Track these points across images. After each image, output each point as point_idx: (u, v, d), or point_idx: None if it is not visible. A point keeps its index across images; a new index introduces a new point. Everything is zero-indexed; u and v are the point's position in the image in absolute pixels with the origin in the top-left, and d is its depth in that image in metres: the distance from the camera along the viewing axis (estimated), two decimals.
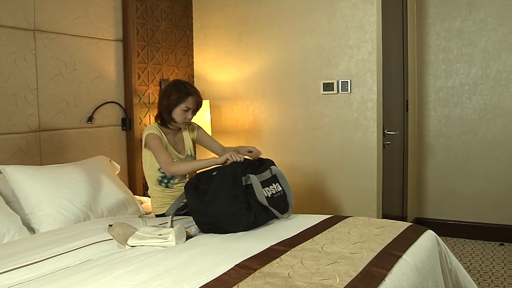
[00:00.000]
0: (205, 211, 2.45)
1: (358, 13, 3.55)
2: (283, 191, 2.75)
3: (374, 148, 3.58)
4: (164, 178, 2.92)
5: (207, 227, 2.46)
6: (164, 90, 2.96)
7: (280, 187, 2.74)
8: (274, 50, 3.93)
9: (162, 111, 2.89)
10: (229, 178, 2.50)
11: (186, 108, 2.86)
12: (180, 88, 2.88)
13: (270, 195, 2.62)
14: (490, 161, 4.39)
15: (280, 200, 2.69)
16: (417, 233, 2.32)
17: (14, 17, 2.88)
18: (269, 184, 2.69)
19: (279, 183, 2.76)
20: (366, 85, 3.57)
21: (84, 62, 3.33)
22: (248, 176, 2.58)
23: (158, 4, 3.94)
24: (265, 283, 1.67)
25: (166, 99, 2.87)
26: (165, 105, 2.86)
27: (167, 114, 2.87)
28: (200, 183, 2.55)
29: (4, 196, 2.53)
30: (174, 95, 2.85)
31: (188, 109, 2.87)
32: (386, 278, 1.76)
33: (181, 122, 2.90)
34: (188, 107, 2.86)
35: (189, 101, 2.86)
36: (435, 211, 4.67)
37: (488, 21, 4.32)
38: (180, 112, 2.86)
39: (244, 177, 2.57)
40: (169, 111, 2.86)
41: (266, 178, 2.70)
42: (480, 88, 4.41)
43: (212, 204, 2.45)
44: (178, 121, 2.89)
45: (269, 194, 2.63)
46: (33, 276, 1.85)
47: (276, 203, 2.64)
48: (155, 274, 1.77)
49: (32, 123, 3.00)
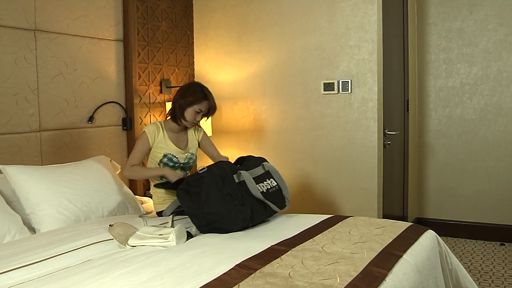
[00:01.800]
0: (201, 213, 2.46)
1: (359, 13, 3.55)
2: (278, 186, 2.76)
3: (374, 148, 3.58)
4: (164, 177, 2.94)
5: (206, 229, 2.47)
6: (182, 89, 3.07)
7: (275, 182, 2.76)
8: (275, 50, 3.93)
9: (176, 108, 3.00)
10: (218, 178, 2.51)
11: (199, 110, 2.99)
12: (198, 90, 3.01)
13: (265, 190, 2.64)
14: (490, 161, 4.39)
15: (276, 194, 2.71)
16: (418, 233, 2.33)
17: (14, 17, 2.88)
18: (263, 180, 2.71)
19: (273, 178, 2.78)
20: (367, 85, 3.56)
21: (85, 62, 3.33)
22: (239, 173, 2.60)
23: (158, 4, 3.94)
24: (265, 283, 1.67)
25: (182, 98, 2.98)
26: (180, 103, 2.98)
27: (180, 112, 2.98)
28: (190, 187, 2.55)
29: (5, 196, 2.53)
30: (191, 96, 2.97)
31: (200, 111, 3.00)
32: (386, 278, 1.76)
33: (190, 122, 3.02)
34: (200, 110, 2.99)
35: (203, 104, 2.99)
36: (435, 211, 4.67)
37: (489, 21, 4.31)
38: (192, 113, 2.98)
39: (236, 174, 2.59)
40: (183, 109, 2.98)
41: (258, 174, 2.72)
42: (480, 88, 4.41)
43: (206, 205, 2.45)
44: (188, 121, 3.00)
45: (264, 189, 2.64)
46: (34, 276, 1.85)
47: (272, 198, 2.65)
48: (155, 274, 1.78)
49: (33, 123, 3.00)
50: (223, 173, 2.55)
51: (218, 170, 2.56)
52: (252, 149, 3.99)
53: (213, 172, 2.54)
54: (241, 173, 2.60)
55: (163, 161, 2.96)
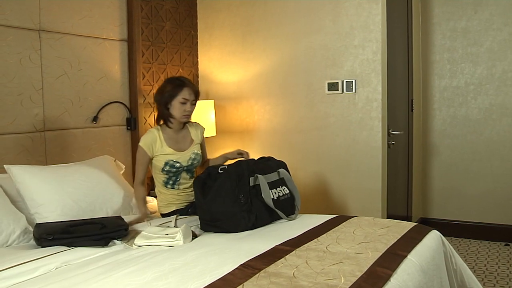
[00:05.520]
0: (207, 208, 2.48)
1: (363, 13, 3.54)
2: (291, 194, 2.75)
3: (379, 148, 3.57)
4: (169, 180, 2.93)
5: (207, 224, 2.50)
6: (158, 88, 2.96)
7: (287, 190, 2.75)
8: (279, 50, 3.93)
9: (161, 109, 2.90)
10: (233, 179, 2.51)
11: (183, 100, 2.84)
12: (173, 81, 2.90)
13: (276, 198, 2.63)
14: (495, 161, 4.37)
15: (286, 203, 2.70)
16: (422, 233, 2.32)
17: (19, 17, 2.89)
18: (276, 186, 2.70)
19: (286, 186, 2.76)
20: (371, 85, 3.56)
21: (89, 62, 3.34)
22: (256, 176, 2.59)
23: (163, 4, 3.94)
24: (270, 283, 1.66)
25: (160, 95, 2.88)
26: (162, 101, 2.86)
27: (166, 110, 2.87)
28: (208, 179, 2.58)
29: (10, 196, 2.53)
30: (168, 88, 2.85)
31: (186, 100, 2.84)
32: (391, 278, 1.75)
33: (180, 116, 2.88)
34: (185, 99, 2.84)
35: (184, 92, 2.84)
36: (440, 211, 4.66)
37: (493, 21, 4.30)
38: (178, 106, 2.84)
39: (253, 177, 2.58)
40: (166, 106, 2.86)
41: (273, 180, 2.70)
42: (485, 88, 4.39)
43: (213, 203, 2.47)
44: (177, 116, 2.88)
45: (276, 196, 2.63)
46: (37, 274, 1.85)
47: (283, 206, 2.65)
48: (160, 274, 1.78)
49: (38, 123, 3.01)
50: (240, 174, 2.55)
51: (236, 170, 2.55)
52: (256, 149, 3.99)
53: (230, 172, 2.54)
54: (258, 177, 2.59)
55: (165, 169, 2.89)
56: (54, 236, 2.17)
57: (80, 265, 1.96)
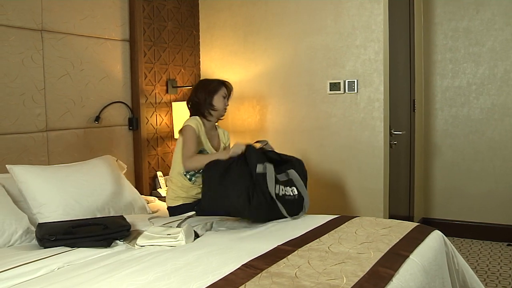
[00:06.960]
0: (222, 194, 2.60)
1: (365, 13, 3.54)
2: (299, 196, 2.76)
3: (381, 148, 3.57)
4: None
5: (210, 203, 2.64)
6: (197, 86, 3.20)
7: (296, 191, 2.75)
8: (281, 50, 3.93)
9: (202, 102, 3.08)
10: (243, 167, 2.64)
11: (224, 94, 3.14)
12: (212, 80, 3.20)
13: (281, 194, 2.64)
14: (497, 161, 4.37)
15: (291, 203, 2.70)
16: (424, 233, 2.32)
17: (21, 18, 2.90)
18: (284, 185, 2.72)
19: (295, 187, 2.77)
20: (373, 85, 3.56)
21: (91, 62, 3.34)
22: (265, 164, 2.63)
23: (164, 4, 3.95)
24: (272, 283, 1.66)
25: (203, 91, 3.10)
26: (205, 96, 3.08)
27: (208, 103, 3.08)
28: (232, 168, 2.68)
29: (12, 196, 2.54)
30: (211, 85, 3.12)
31: (226, 95, 3.15)
32: (393, 278, 1.75)
33: (222, 108, 3.13)
34: (225, 94, 3.15)
35: (224, 89, 3.15)
36: (442, 211, 4.66)
37: (495, 21, 4.29)
38: (220, 99, 3.11)
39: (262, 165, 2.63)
40: (210, 100, 3.08)
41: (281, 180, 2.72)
42: (487, 87, 4.39)
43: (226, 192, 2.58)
44: (219, 108, 3.12)
45: (281, 193, 2.64)
46: (40, 274, 1.86)
47: (286, 204, 2.65)
48: (162, 274, 1.78)
49: (40, 123, 3.02)
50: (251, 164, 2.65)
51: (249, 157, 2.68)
52: None
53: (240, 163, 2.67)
54: (266, 166, 2.64)
55: None
56: (56, 236, 2.18)
57: (82, 265, 1.96)
